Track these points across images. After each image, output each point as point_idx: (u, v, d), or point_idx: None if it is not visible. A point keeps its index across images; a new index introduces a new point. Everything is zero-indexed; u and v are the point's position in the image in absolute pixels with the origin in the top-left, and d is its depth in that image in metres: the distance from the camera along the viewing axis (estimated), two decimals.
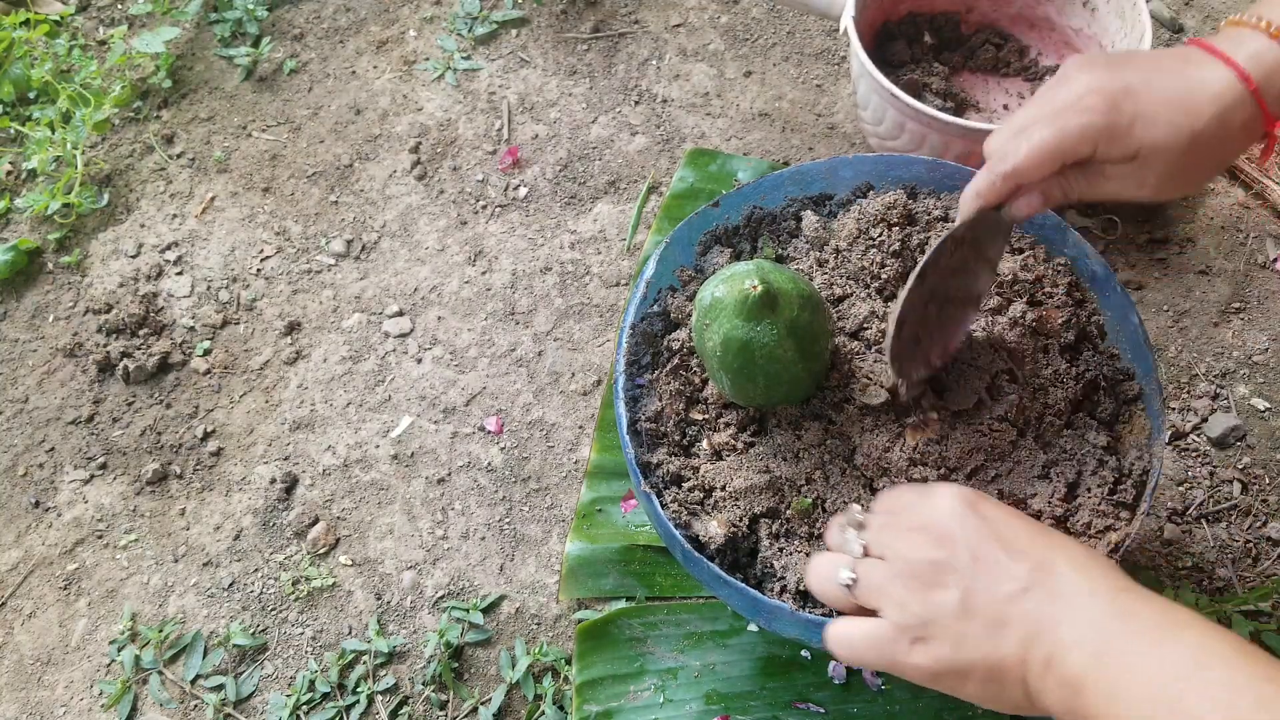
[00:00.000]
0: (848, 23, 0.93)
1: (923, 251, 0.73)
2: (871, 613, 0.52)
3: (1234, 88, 0.55)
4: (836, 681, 0.81)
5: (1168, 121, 0.55)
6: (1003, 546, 0.49)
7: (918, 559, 0.50)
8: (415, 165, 1.15)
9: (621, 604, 0.86)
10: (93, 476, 0.99)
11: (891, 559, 0.51)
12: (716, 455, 0.68)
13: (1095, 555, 0.49)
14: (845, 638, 0.52)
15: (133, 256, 1.12)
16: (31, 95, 1.23)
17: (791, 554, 0.64)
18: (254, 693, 0.87)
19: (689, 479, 0.67)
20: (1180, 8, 1.20)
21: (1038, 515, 0.64)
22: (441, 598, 0.90)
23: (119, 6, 1.32)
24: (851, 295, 0.71)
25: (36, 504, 0.98)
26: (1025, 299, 0.70)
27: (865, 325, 0.68)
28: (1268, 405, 0.93)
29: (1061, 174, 0.59)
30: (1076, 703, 0.45)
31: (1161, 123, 0.55)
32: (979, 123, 0.90)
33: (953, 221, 0.76)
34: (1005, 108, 1.09)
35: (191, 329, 1.06)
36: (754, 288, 0.58)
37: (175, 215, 1.14)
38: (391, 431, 0.99)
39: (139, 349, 1.05)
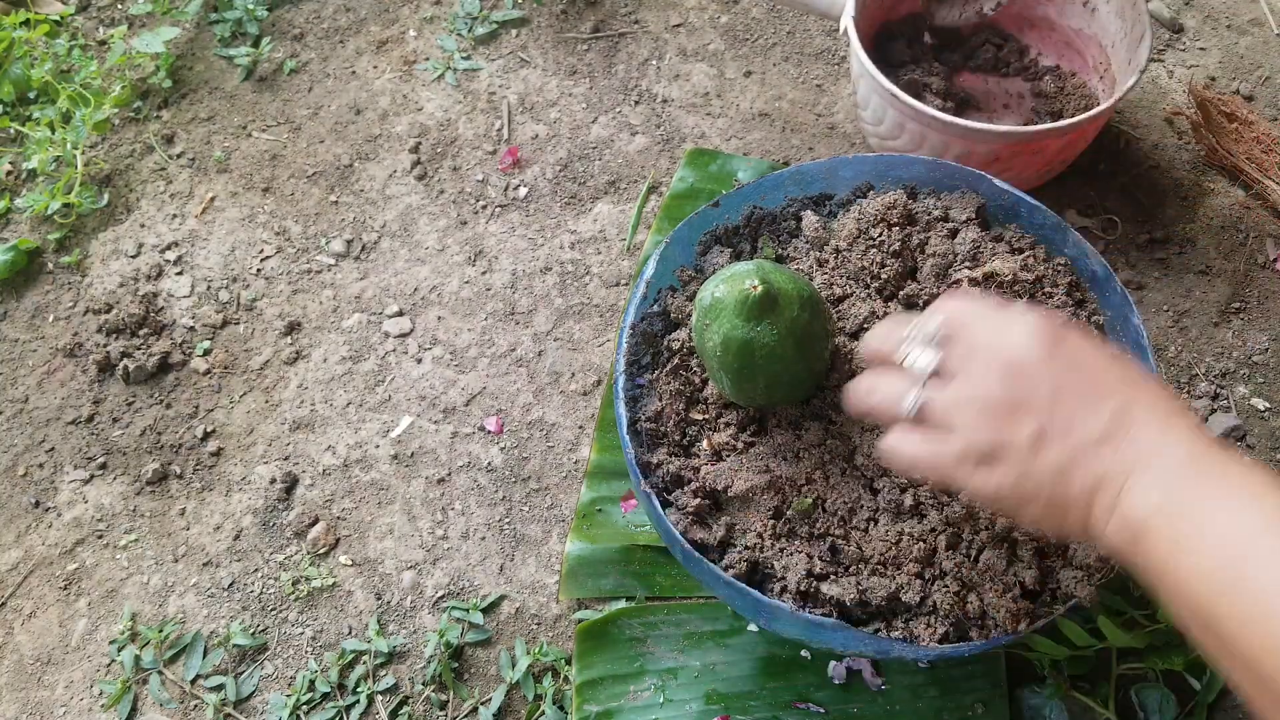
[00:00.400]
0: (848, 23, 0.93)
1: (922, 250, 0.73)
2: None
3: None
4: (836, 681, 0.81)
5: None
6: (1085, 387, 0.47)
7: (993, 392, 0.49)
8: (415, 165, 1.15)
9: (621, 604, 0.86)
10: (93, 476, 0.99)
11: (965, 385, 0.50)
12: (716, 455, 0.68)
13: (1179, 407, 0.47)
14: (904, 451, 0.51)
15: (133, 256, 1.12)
16: (31, 95, 1.23)
17: (792, 554, 0.64)
18: (254, 693, 0.87)
19: (689, 479, 0.67)
20: (1180, 8, 1.20)
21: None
22: (441, 598, 0.90)
23: (119, 6, 1.32)
24: (851, 295, 0.71)
25: (36, 504, 0.98)
26: (1025, 299, 0.70)
27: (865, 325, 0.68)
28: (1268, 405, 0.93)
29: None
30: (1137, 547, 0.45)
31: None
32: (979, 123, 0.90)
33: (952, 221, 0.76)
34: (1005, 107, 1.09)
35: (191, 329, 1.06)
36: (754, 288, 0.58)
37: (175, 215, 1.14)
38: (391, 431, 0.99)
39: (139, 349, 1.05)
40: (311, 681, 0.86)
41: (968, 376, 0.50)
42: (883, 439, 0.53)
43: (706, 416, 0.69)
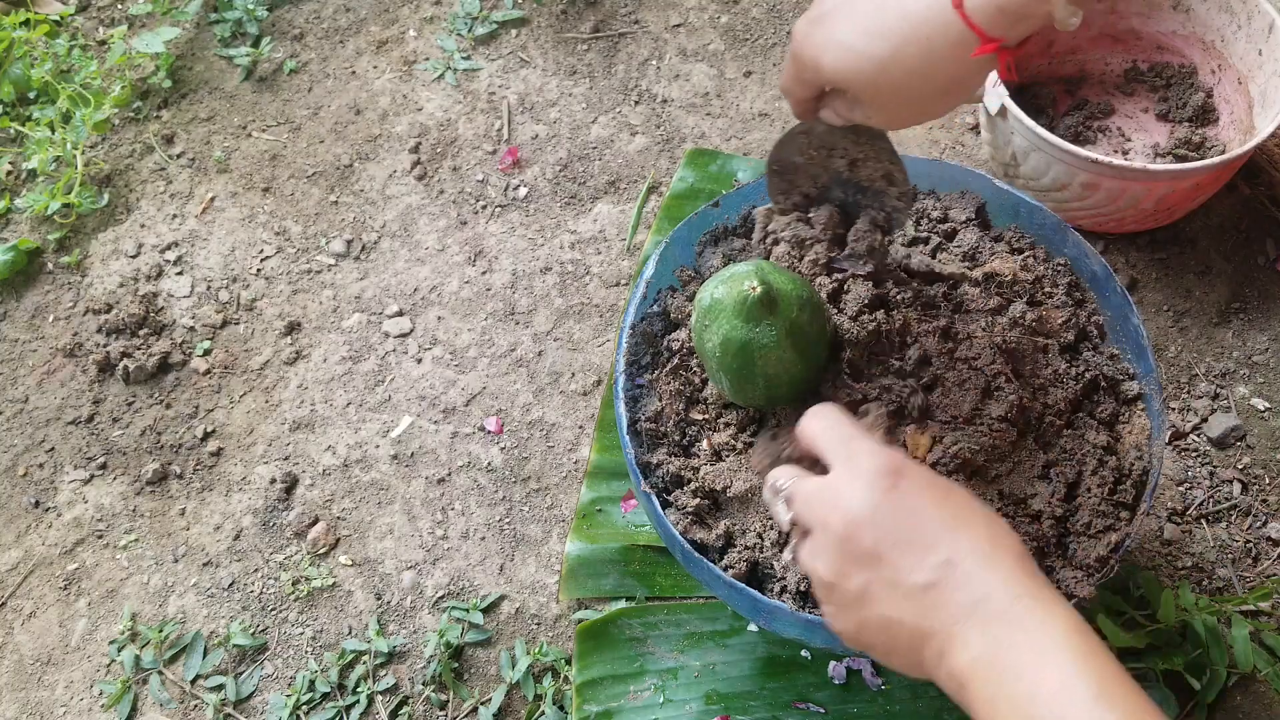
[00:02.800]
0: (1005, 102, 0.92)
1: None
2: None
3: (935, 5, 0.49)
4: (836, 681, 0.81)
5: (855, 50, 0.51)
6: (912, 537, 0.49)
7: (829, 544, 0.50)
8: (415, 165, 1.15)
9: (621, 604, 0.86)
10: (93, 476, 0.99)
11: (812, 535, 0.52)
12: (716, 456, 0.68)
13: (1004, 545, 0.49)
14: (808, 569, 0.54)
15: (133, 256, 1.12)
16: (31, 95, 1.23)
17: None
18: (254, 693, 0.87)
19: (689, 479, 0.67)
20: None
21: (1037, 516, 0.64)
22: (441, 598, 0.90)
23: (119, 6, 1.32)
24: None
25: (36, 504, 0.98)
26: (1025, 299, 0.70)
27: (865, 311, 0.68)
28: (1268, 405, 0.93)
29: (826, 98, 0.58)
30: (961, 696, 0.47)
31: (849, 52, 0.51)
32: (1160, 165, 0.90)
33: (952, 221, 0.76)
34: (1135, 118, 1.07)
35: (191, 329, 1.06)
36: (753, 288, 0.58)
37: (175, 215, 1.14)
38: (391, 431, 0.99)
39: (139, 349, 1.05)
40: (311, 681, 0.86)
41: (810, 538, 0.52)
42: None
43: (706, 417, 0.69)
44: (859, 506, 0.50)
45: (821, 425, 0.55)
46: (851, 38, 0.51)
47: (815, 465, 0.55)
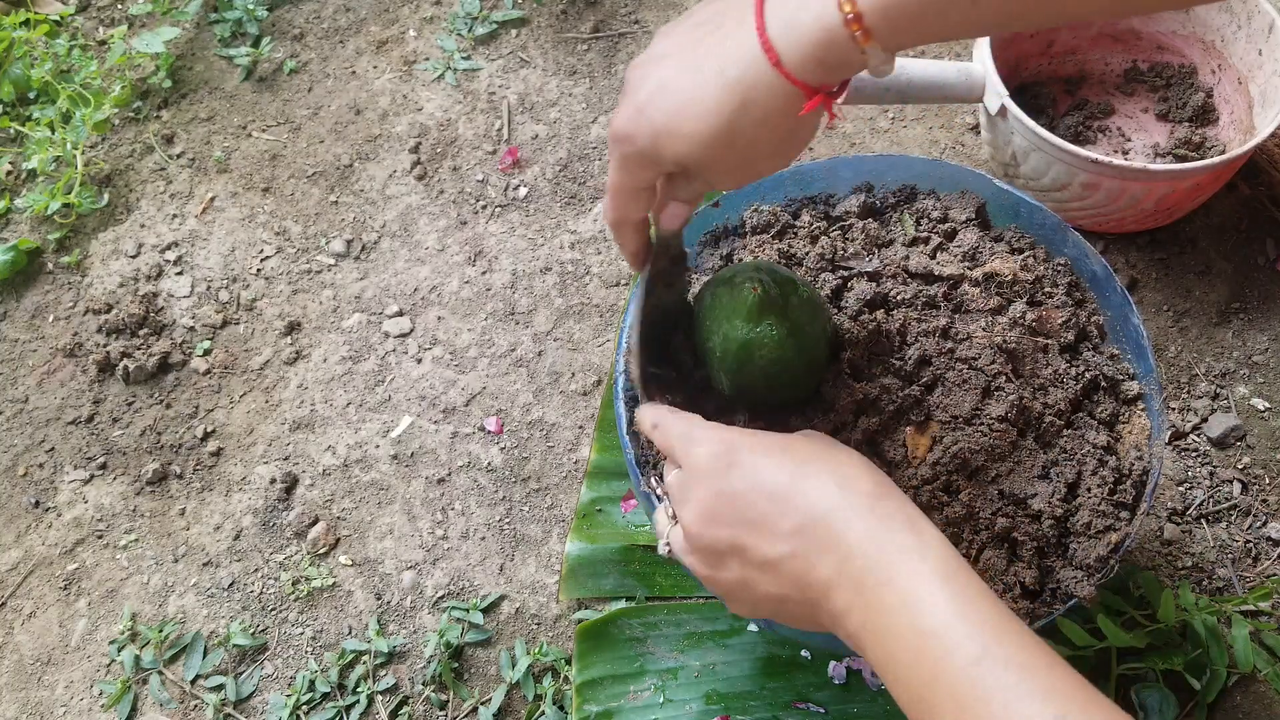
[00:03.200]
0: (1005, 102, 0.92)
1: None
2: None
3: (754, 65, 0.45)
4: (836, 681, 0.81)
5: (686, 134, 0.47)
6: (760, 511, 0.49)
7: (694, 537, 0.51)
8: (415, 165, 1.15)
9: (621, 604, 0.86)
10: (93, 476, 0.99)
11: (682, 524, 0.53)
12: None
13: (853, 486, 0.48)
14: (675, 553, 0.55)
15: (133, 256, 1.12)
16: (31, 95, 1.23)
17: None
18: (254, 693, 0.87)
19: None
20: None
21: (1037, 516, 0.64)
22: (441, 598, 0.90)
23: (119, 6, 1.32)
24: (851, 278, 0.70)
25: (36, 504, 0.98)
26: (1025, 299, 0.70)
27: (865, 309, 0.68)
28: (1268, 405, 0.93)
29: (667, 184, 0.55)
30: (864, 654, 0.47)
31: (681, 136, 0.48)
32: (1160, 165, 0.90)
33: (952, 221, 0.76)
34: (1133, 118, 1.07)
35: (191, 329, 1.06)
36: (754, 288, 0.58)
37: (175, 215, 1.14)
38: (391, 431, 0.99)
39: (139, 349, 1.05)
40: (311, 681, 0.86)
41: (681, 522, 0.53)
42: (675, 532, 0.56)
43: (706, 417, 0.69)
44: (707, 496, 0.50)
45: (651, 427, 0.57)
46: (682, 123, 0.48)
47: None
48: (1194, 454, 0.92)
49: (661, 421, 0.56)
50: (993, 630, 0.43)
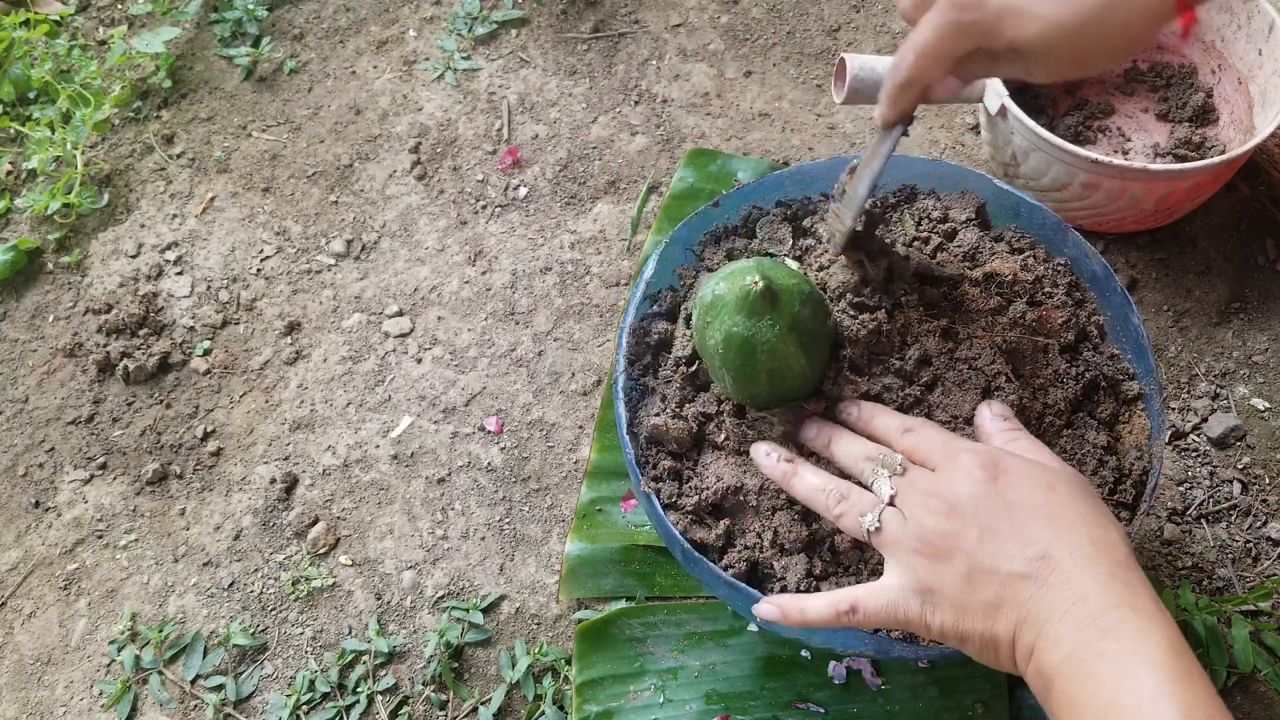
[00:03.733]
0: (1005, 102, 0.92)
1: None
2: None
3: None
4: (836, 681, 0.81)
5: (1041, 15, 0.47)
6: (1013, 526, 0.50)
7: (931, 527, 0.52)
8: (415, 165, 1.15)
9: (621, 604, 0.86)
10: (93, 476, 0.99)
11: (909, 518, 0.53)
12: (718, 455, 0.68)
13: (1105, 549, 0.49)
14: (861, 605, 0.54)
15: (133, 256, 1.12)
16: (31, 95, 1.23)
17: (792, 554, 0.64)
18: (254, 693, 0.87)
19: (689, 478, 0.67)
20: None
21: None
22: (441, 598, 0.90)
23: (119, 6, 1.32)
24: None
25: (36, 504, 0.98)
26: (1025, 299, 0.70)
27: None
28: (1268, 405, 0.93)
29: (959, 62, 0.54)
30: (1046, 695, 0.47)
31: (1034, 16, 0.47)
32: (1160, 165, 0.89)
33: (952, 221, 0.76)
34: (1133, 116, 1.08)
35: (191, 329, 1.06)
36: (755, 283, 0.58)
37: (175, 215, 1.14)
38: (391, 431, 0.99)
39: (139, 349, 1.05)
40: (311, 681, 0.86)
41: (915, 516, 0.53)
42: (846, 590, 0.56)
43: (708, 413, 0.69)
44: (963, 495, 0.51)
45: (916, 433, 0.57)
46: (1047, 8, 0.47)
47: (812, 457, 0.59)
48: (1194, 454, 0.92)
49: (918, 426, 0.58)
50: (1193, 714, 0.43)
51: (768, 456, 0.62)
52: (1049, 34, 0.48)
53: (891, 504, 0.55)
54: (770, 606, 0.58)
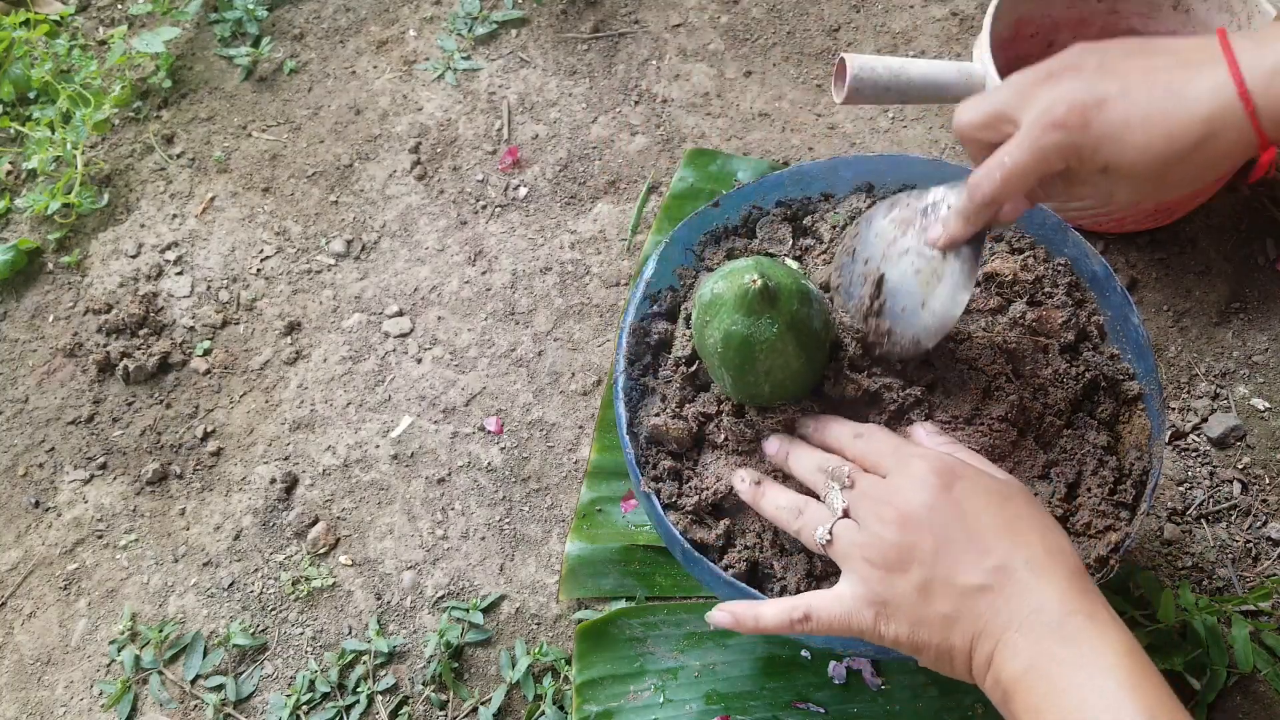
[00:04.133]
0: None
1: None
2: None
3: (1227, 107, 0.48)
4: (836, 681, 0.81)
5: (1137, 144, 0.49)
6: (968, 538, 0.50)
7: (885, 539, 0.52)
8: (415, 165, 1.15)
9: (621, 604, 0.86)
10: (93, 476, 0.99)
11: (863, 528, 0.53)
12: (717, 455, 0.68)
13: (1059, 558, 0.50)
14: (815, 613, 0.54)
15: (133, 256, 1.12)
16: (31, 95, 1.23)
17: (792, 554, 0.64)
18: (254, 693, 0.87)
19: (689, 479, 0.67)
20: None
21: None
22: (441, 598, 0.90)
23: (119, 6, 1.32)
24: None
25: (36, 504, 0.98)
26: (1025, 299, 0.70)
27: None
28: (1268, 405, 0.93)
29: (1044, 181, 0.56)
30: (1006, 706, 0.48)
31: (1130, 144, 0.50)
32: None
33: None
34: None
35: (191, 329, 1.06)
36: (754, 282, 0.57)
37: (175, 215, 1.15)
38: (391, 431, 0.99)
39: (139, 349, 1.05)
40: (311, 681, 0.86)
41: (867, 527, 0.53)
42: (799, 597, 0.56)
43: (708, 413, 0.69)
44: (916, 505, 0.51)
45: (854, 436, 0.58)
46: (1137, 134, 0.49)
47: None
48: (1194, 454, 0.92)
49: (868, 432, 0.58)
50: (1156, 714, 0.44)
51: (742, 482, 0.63)
52: (1144, 163, 0.50)
53: (846, 515, 0.55)
54: (724, 614, 0.58)
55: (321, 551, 0.93)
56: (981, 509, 0.51)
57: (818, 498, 0.59)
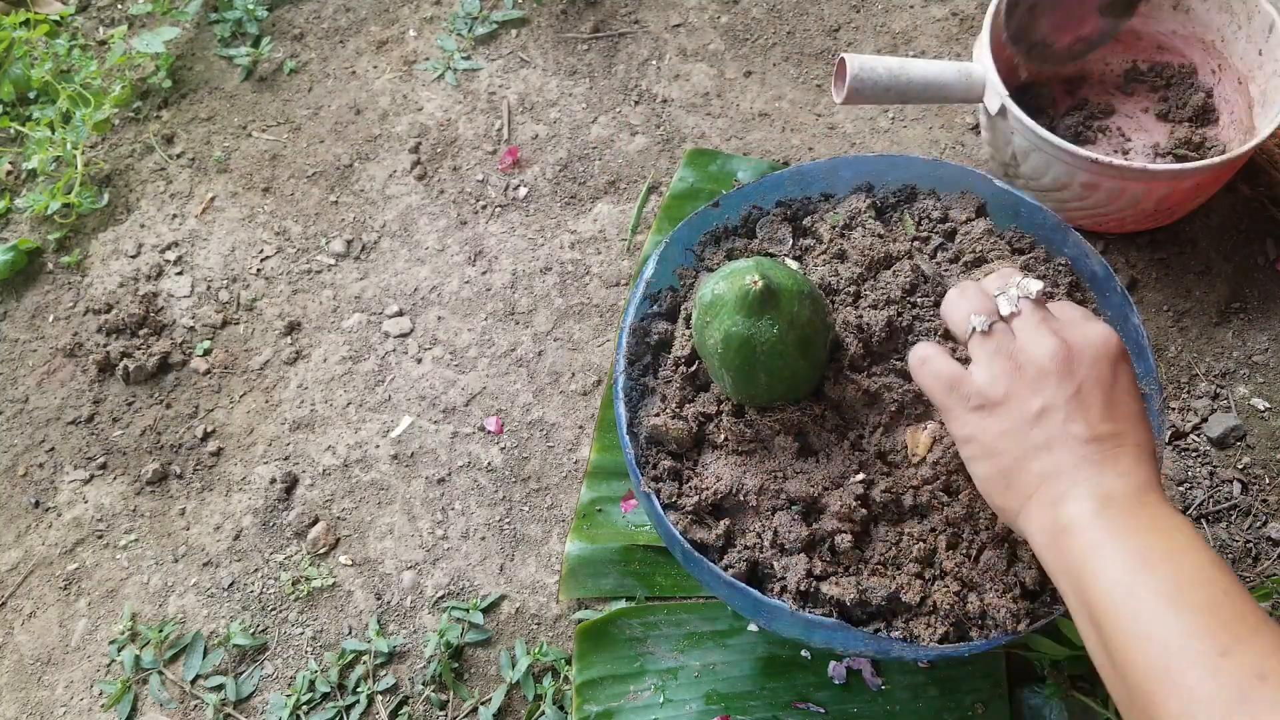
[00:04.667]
0: (1005, 102, 0.92)
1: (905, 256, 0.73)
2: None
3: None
4: (836, 681, 0.81)
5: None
6: (1107, 402, 0.53)
7: (1036, 359, 0.53)
8: (415, 165, 1.15)
9: (621, 604, 0.86)
10: (93, 476, 0.99)
11: (1019, 343, 0.55)
12: (717, 455, 0.68)
13: (1155, 463, 0.53)
14: (930, 364, 0.57)
15: (133, 256, 1.12)
16: (31, 95, 1.23)
17: (792, 554, 0.64)
18: (254, 693, 0.87)
19: (689, 479, 0.67)
20: None
21: None
22: (441, 598, 0.90)
23: (119, 6, 1.32)
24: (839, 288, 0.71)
25: (36, 504, 0.98)
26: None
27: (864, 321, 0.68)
28: (1268, 405, 0.93)
29: None
30: (1055, 542, 0.50)
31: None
32: (1160, 165, 0.89)
33: (952, 221, 0.76)
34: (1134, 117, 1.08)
35: (191, 329, 1.06)
36: (754, 283, 0.58)
37: (175, 215, 1.15)
38: (391, 431, 0.99)
39: (139, 349, 1.05)
40: (311, 681, 0.86)
41: (1027, 338, 0.55)
42: (919, 344, 0.59)
43: (707, 415, 0.69)
44: (1085, 347, 0.53)
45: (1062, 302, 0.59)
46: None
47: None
48: (1194, 454, 0.92)
49: (1073, 306, 0.59)
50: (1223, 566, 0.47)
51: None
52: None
53: (1009, 321, 0.56)
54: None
55: (321, 551, 0.93)
56: (1129, 392, 0.54)
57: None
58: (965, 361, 0.58)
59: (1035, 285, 0.57)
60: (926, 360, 0.57)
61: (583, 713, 0.81)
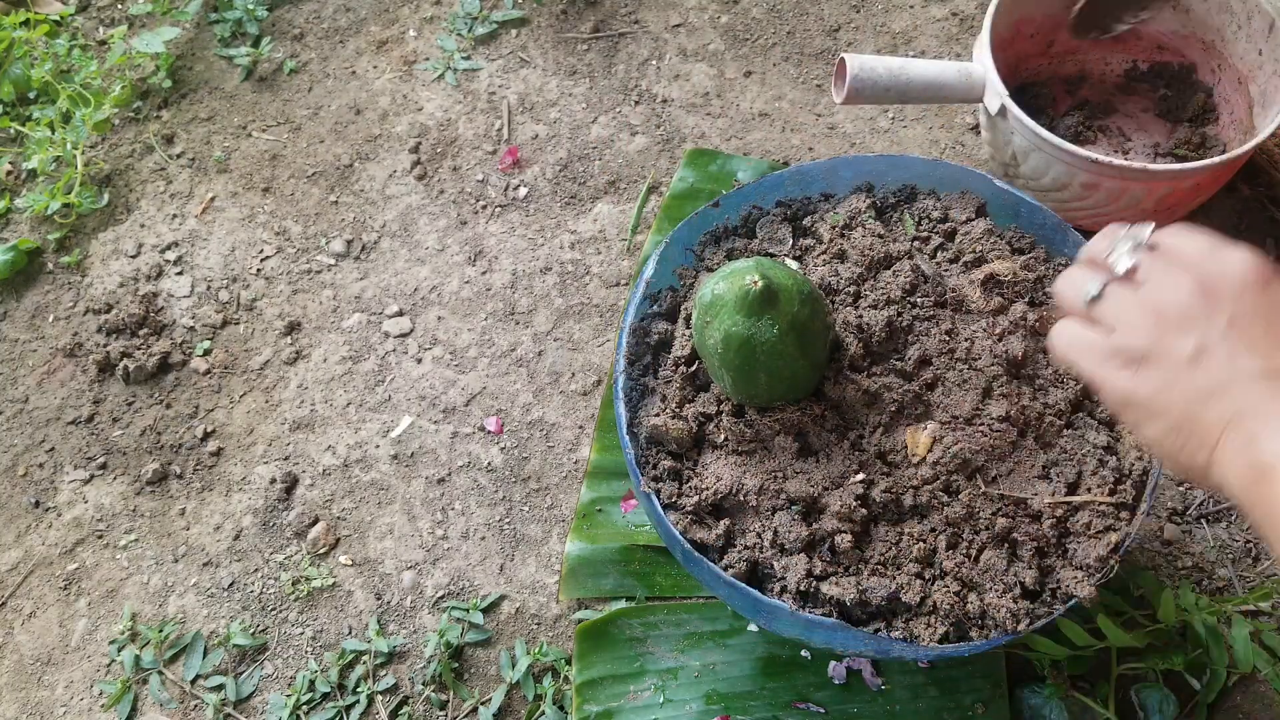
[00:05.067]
0: (1005, 102, 0.92)
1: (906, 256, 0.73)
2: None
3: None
4: (836, 681, 0.81)
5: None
6: (1265, 328, 0.48)
7: (1174, 300, 0.49)
8: (415, 165, 1.15)
9: (621, 604, 0.86)
10: (93, 476, 0.99)
11: (1149, 288, 0.50)
12: (717, 455, 0.68)
13: None
14: (1066, 336, 0.52)
15: (133, 256, 1.12)
16: (31, 95, 1.23)
17: (792, 554, 0.64)
18: (254, 693, 0.87)
19: (689, 479, 0.67)
20: None
21: (1037, 515, 0.64)
22: (441, 598, 0.90)
23: (119, 6, 1.32)
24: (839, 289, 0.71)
25: (36, 504, 0.98)
26: (1026, 300, 0.70)
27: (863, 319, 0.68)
28: None
29: None
30: (1257, 487, 0.45)
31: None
32: (1160, 165, 0.89)
33: (952, 221, 0.76)
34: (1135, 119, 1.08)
35: (191, 329, 1.06)
36: (754, 283, 0.58)
37: (175, 215, 1.14)
38: (391, 431, 0.99)
39: (139, 349, 1.05)
40: (311, 681, 0.86)
41: (1157, 282, 0.50)
42: (1059, 323, 0.53)
43: (707, 415, 0.69)
44: (1229, 279, 0.48)
45: (1180, 233, 0.53)
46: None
47: None
48: None
49: (1198, 236, 0.53)
50: None
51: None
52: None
53: (1129, 277, 0.51)
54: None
55: (321, 551, 0.93)
56: None
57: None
58: None
59: (1144, 229, 0.52)
60: (1061, 333, 0.53)
61: (583, 713, 0.81)
